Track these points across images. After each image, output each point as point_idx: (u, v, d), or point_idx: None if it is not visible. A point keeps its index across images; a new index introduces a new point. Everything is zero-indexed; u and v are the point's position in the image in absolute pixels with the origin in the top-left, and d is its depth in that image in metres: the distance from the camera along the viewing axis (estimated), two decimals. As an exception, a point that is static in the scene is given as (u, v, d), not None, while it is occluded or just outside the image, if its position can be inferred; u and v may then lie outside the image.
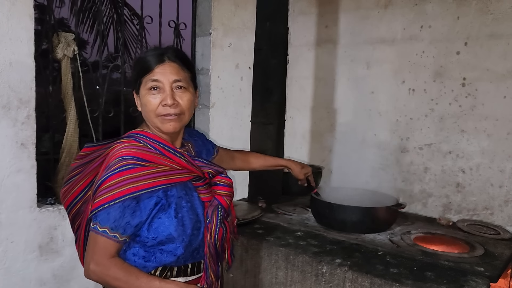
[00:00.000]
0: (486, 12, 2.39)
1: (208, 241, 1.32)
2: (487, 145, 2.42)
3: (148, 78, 1.29)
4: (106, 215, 1.18)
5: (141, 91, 1.31)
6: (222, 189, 1.39)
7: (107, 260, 1.20)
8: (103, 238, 1.19)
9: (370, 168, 2.84)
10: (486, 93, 2.41)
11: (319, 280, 1.79)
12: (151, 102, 1.28)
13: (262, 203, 2.56)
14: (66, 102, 2.32)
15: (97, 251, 1.20)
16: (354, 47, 2.92)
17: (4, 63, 1.90)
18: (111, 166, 1.21)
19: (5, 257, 1.97)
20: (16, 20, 1.93)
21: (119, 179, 1.18)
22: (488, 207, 2.43)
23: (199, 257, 1.35)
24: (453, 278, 1.65)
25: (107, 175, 1.20)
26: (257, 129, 2.65)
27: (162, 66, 1.29)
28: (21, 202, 2.01)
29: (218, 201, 1.36)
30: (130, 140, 1.29)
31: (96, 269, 1.21)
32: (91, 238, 1.22)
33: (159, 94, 1.28)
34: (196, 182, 1.35)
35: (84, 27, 5.15)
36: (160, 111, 1.29)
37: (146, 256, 1.27)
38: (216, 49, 2.90)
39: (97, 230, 1.19)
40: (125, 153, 1.23)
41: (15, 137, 1.96)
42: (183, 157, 1.33)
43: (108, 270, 1.20)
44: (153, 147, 1.29)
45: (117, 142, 1.29)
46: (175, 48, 1.58)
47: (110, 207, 1.18)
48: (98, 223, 1.19)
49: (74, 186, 1.37)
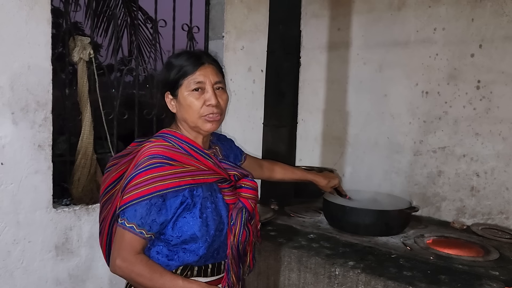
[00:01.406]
0: (501, 14, 2.37)
1: (231, 242, 1.34)
2: (502, 149, 2.39)
3: (190, 80, 1.32)
4: (133, 212, 1.21)
5: (182, 92, 1.33)
6: (247, 192, 1.40)
7: (133, 256, 1.22)
8: (130, 234, 1.22)
9: (383, 171, 2.82)
10: (501, 96, 2.39)
11: (332, 282, 1.79)
12: (195, 103, 1.32)
13: (274, 206, 2.56)
14: (81, 105, 2.36)
15: (124, 247, 1.23)
16: (367, 50, 2.91)
17: (23, 67, 1.94)
18: (140, 164, 1.24)
19: (22, 256, 2.01)
20: (34, 24, 1.97)
21: (147, 176, 1.22)
22: (503, 211, 2.40)
23: (219, 258, 1.37)
24: (468, 281, 1.64)
25: (136, 172, 1.23)
26: (270, 132, 2.66)
27: (203, 68, 1.33)
28: (38, 203, 2.04)
29: (243, 204, 1.38)
30: (160, 139, 1.33)
31: (122, 264, 1.23)
32: (118, 233, 1.25)
33: (201, 95, 1.32)
34: (221, 184, 1.37)
35: (99, 31, 5.22)
36: (204, 111, 1.32)
37: (169, 255, 1.30)
38: (228, 52, 2.92)
39: (125, 225, 1.22)
40: (154, 152, 1.27)
41: (33, 139, 2.00)
42: (210, 158, 1.35)
43: (133, 266, 1.22)
44: (181, 147, 1.32)
45: (148, 141, 1.34)
46: (207, 52, 1.62)
47: (137, 204, 1.21)
48: (126, 219, 1.22)
49: (109, 175, 1.41)
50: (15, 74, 1.92)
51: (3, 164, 1.92)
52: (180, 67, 1.33)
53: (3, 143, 1.91)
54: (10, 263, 1.97)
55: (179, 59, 1.36)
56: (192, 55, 1.36)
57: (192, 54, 1.37)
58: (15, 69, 1.92)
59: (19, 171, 1.97)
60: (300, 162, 3.20)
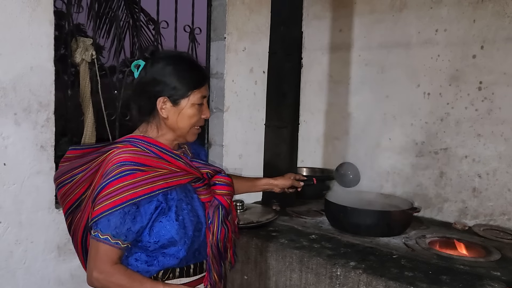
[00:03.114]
0: (503, 15, 2.36)
1: (210, 241, 1.33)
2: (504, 150, 2.39)
3: (199, 93, 1.34)
4: (106, 222, 1.18)
5: (187, 103, 1.33)
6: (222, 188, 1.40)
7: (110, 267, 1.19)
8: (105, 246, 1.19)
9: (385, 172, 2.82)
10: (503, 97, 2.38)
11: (333, 283, 1.79)
12: (196, 115, 1.35)
13: (276, 206, 2.57)
14: (84, 106, 2.37)
15: (99, 259, 1.19)
16: (369, 51, 2.91)
17: (25, 67, 1.95)
18: (109, 173, 1.20)
19: (25, 256, 2.01)
20: (37, 26, 1.98)
21: (118, 185, 1.18)
22: (505, 212, 2.39)
23: (201, 258, 1.36)
24: (469, 282, 1.63)
25: (106, 182, 1.19)
26: (271, 132, 2.66)
27: (206, 84, 1.38)
28: (40, 203, 2.05)
29: (219, 201, 1.37)
30: (127, 145, 1.29)
31: (99, 276, 1.20)
32: (92, 246, 1.22)
33: (200, 108, 1.35)
34: (195, 183, 1.36)
35: (101, 32, 5.24)
36: (197, 123, 1.37)
37: (149, 261, 1.27)
38: (230, 53, 2.93)
39: (99, 237, 1.18)
40: (122, 158, 1.23)
41: (35, 139, 2.01)
42: (180, 159, 1.34)
43: (111, 277, 1.19)
44: (151, 151, 1.29)
45: (113, 147, 1.29)
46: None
47: (110, 214, 1.17)
48: (100, 231, 1.18)
49: (73, 190, 1.36)
50: (17, 75, 1.93)
51: (6, 164, 1.92)
52: (192, 78, 1.34)
53: (5, 144, 1.92)
54: (12, 263, 1.98)
55: (187, 68, 1.35)
56: (199, 67, 1.39)
57: (199, 66, 1.39)
58: (17, 70, 1.93)
59: (21, 172, 1.98)
60: (302, 164, 3.20)
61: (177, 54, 1.40)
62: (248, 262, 2.08)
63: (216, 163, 2.91)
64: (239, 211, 2.34)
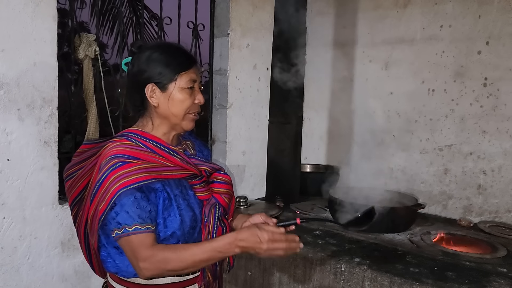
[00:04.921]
0: (508, 11, 2.35)
1: (205, 240, 1.29)
2: (509, 146, 2.38)
3: (186, 76, 1.29)
4: (126, 215, 1.17)
5: (175, 87, 1.29)
6: (220, 187, 1.37)
7: (150, 250, 1.17)
8: (138, 236, 1.17)
9: (389, 169, 2.81)
10: (508, 93, 2.37)
11: (337, 279, 1.78)
12: (188, 100, 1.30)
13: (280, 203, 2.56)
14: (87, 102, 2.36)
15: (137, 251, 1.17)
16: (373, 47, 2.90)
17: (29, 63, 1.95)
18: (103, 167, 1.21)
19: (29, 252, 2.01)
20: (40, 21, 1.97)
21: (113, 177, 1.18)
22: (511, 209, 2.38)
23: None
24: (475, 278, 1.62)
25: (101, 179, 1.19)
26: (275, 129, 2.66)
27: (196, 66, 1.32)
28: (44, 199, 2.05)
29: (216, 200, 1.34)
30: (122, 139, 1.29)
31: (145, 265, 1.17)
32: (125, 244, 1.19)
33: (192, 93, 1.30)
34: (192, 180, 1.33)
35: (104, 29, 5.22)
36: (192, 108, 1.31)
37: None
38: (234, 50, 2.92)
39: (128, 231, 1.17)
40: (115, 151, 1.23)
41: (39, 135, 2.01)
42: (177, 155, 1.31)
43: (155, 257, 1.17)
44: (144, 145, 1.28)
45: (110, 141, 1.29)
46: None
47: (122, 207, 1.17)
48: (126, 226, 1.17)
49: (76, 182, 1.36)
50: (21, 71, 1.92)
51: (10, 160, 1.92)
52: (178, 61, 1.30)
53: (9, 140, 1.92)
54: (16, 259, 1.98)
55: (172, 52, 1.32)
56: (184, 51, 1.34)
57: (184, 50, 1.35)
58: (21, 66, 1.92)
59: (25, 167, 1.97)
60: (305, 161, 3.19)
61: (162, 42, 1.37)
62: (252, 258, 2.07)
63: (219, 160, 2.91)
64: (242, 207, 2.33)
